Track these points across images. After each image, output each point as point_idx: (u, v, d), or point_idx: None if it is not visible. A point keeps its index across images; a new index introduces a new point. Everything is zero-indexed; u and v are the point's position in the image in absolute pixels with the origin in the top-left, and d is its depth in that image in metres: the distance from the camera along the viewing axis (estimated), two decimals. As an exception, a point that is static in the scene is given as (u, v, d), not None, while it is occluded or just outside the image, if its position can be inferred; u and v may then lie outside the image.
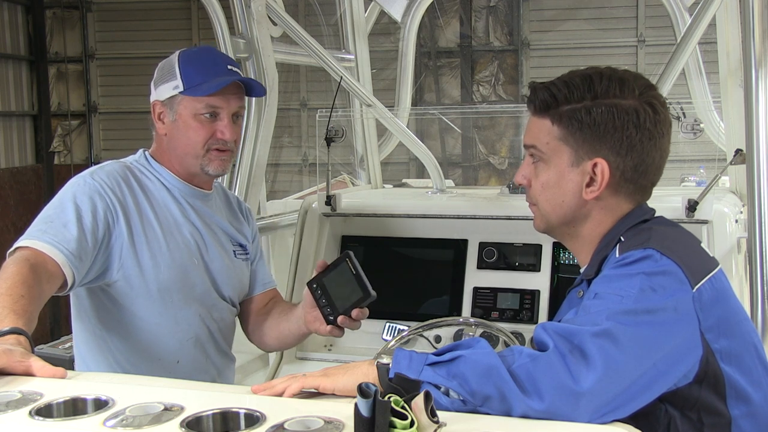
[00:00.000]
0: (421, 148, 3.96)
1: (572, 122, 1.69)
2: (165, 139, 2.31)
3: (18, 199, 10.67)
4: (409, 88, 4.53)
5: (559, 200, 1.75)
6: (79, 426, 1.38)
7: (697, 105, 4.00)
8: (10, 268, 1.92)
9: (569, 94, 1.70)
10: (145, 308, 2.22)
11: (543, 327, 1.54)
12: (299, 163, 10.88)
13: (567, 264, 3.11)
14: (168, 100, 2.27)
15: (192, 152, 2.27)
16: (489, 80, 10.81)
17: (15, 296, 1.83)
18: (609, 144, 1.68)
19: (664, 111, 1.71)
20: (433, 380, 1.49)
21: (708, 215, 2.86)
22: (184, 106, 2.25)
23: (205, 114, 2.25)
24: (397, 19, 4.40)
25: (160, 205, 2.28)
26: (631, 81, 1.70)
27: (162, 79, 2.30)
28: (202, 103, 2.24)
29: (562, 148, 1.71)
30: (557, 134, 1.71)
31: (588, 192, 1.71)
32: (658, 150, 1.71)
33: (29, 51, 11.16)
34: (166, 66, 2.32)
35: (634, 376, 1.48)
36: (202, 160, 2.28)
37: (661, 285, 1.55)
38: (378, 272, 3.41)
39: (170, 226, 2.27)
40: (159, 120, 2.30)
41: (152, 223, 2.24)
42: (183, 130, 2.26)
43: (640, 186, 1.74)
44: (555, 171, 1.73)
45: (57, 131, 11.47)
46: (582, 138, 1.69)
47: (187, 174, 2.33)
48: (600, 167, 1.69)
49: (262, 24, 3.23)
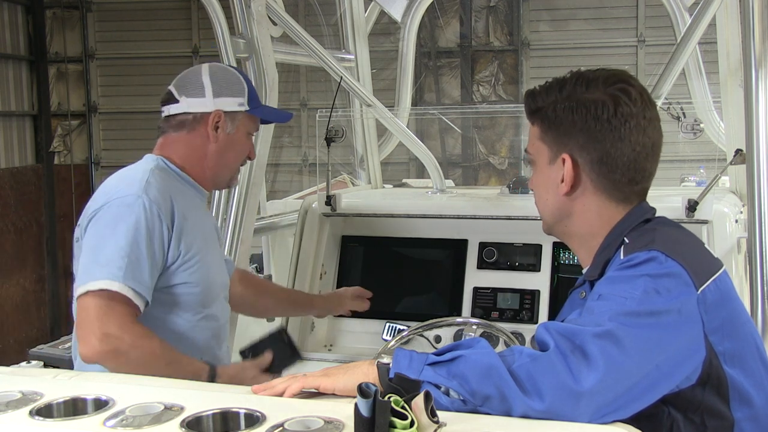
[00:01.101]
0: (421, 148, 3.96)
1: (543, 122, 1.76)
2: (211, 147, 2.37)
3: (18, 199, 10.66)
4: (409, 88, 4.52)
5: (544, 199, 1.81)
6: (79, 426, 1.39)
7: (697, 105, 4.00)
8: (154, 343, 2.12)
9: (545, 96, 1.75)
10: (179, 314, 2.29)
11: (545, 327, 1.54)
12: (299, 163, 10.87)
13: (567, 264, 3.11)
14: (231, 113, 2.37)
15: (232, 165, 2.44)
16: (489, 80, 10.80)
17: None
18: (573, 139, 1.72)
19: (630, 104, 1.68)
20: (433, 380, 1.49)
21: (708, 215, 2.86)
22: (243, 123, 2.40)
23: (251, 134, 2.45)
24: (397, 19, 4.39)
25: (190, 212, 2.32)
26: (601, 78, 1.71)
27: (226, 91, 2.37)
28: (255, 124, 2.45)
29: (542, 148, 1.78)
30: (537, 135, 1.79)
31: (561, 188, 1.75)
32: (626, 143, 1.69)
33: (29, 51, 11.15)
34: (233, 81, 2.40)
35: (636, 378, 1.48)
36: (233, 174, 2.47)
37: (665, 287, 1.55)
38: (378, 272, 3.43)
39: (200, 231, 2.34)
40: (214, 129, 2.35)
41: (191, 231, 2.29)
42: (237, 144, 2.40)
43: (615, 181, 1.72)
44: (539, 171, 1.80)
45: (57, 131, 11.45)
46: (552, 136, 1.75)
47: (209, 181, 2.43)
48: (566, 162, 1.73)
49: (262, 24, 3.23)
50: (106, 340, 2.05)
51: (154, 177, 2.25)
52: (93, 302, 2.08)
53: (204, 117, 2.34)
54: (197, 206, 2.39)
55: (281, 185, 10.28)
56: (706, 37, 3.17)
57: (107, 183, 2.29)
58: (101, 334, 2.04)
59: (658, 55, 9.13)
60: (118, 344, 2.05)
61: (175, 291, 2.25)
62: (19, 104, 11.00)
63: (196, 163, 2.37)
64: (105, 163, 11.54)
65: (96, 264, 2.11)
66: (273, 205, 4.68)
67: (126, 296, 2.09)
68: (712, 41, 3.61)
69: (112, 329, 2.05)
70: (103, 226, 2.16)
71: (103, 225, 2.16)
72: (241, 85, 2.40)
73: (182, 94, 2.38)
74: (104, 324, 2.05)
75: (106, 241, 2.13)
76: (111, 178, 2.31)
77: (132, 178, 2.25)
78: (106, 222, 2.16)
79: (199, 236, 2.32)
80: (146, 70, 11.24)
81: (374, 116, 3.88)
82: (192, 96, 2.36)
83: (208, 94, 2.35)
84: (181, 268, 2.25)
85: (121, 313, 2.08)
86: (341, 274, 3.41)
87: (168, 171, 2.34)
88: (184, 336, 2.29)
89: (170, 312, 2.27)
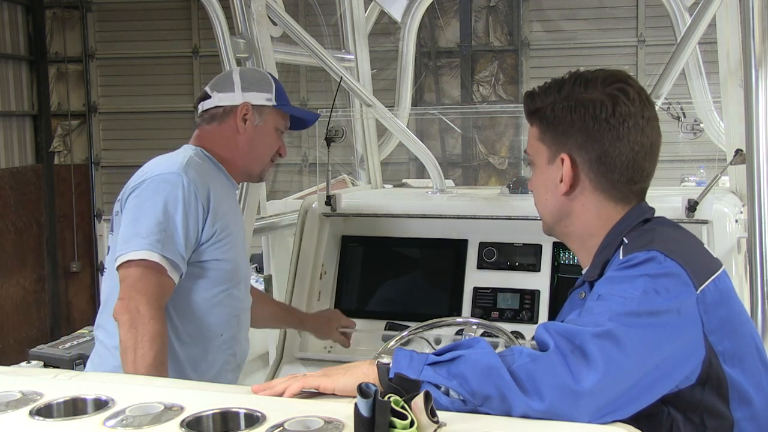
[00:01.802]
0: (421, 148, 3.95)
1: (542, 122, 1.76)
2: (240, 139, 2.51)
3: (18, 199, 10.66)
4: (409, 88, 4.52)
5: (544, 199, 1.81)
6: (79, 426, 1.39)
7: (697, 105, 4.00)
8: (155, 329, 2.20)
9: (544, 96, 1.76)
10: (206, 287, 2.42)
11: (545, 327, 1.54)
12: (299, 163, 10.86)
13: (567, 264, 3.11)
14: (259, 107, 2.52)
15: (262, 157, 2.57)
16: (489, 80, 10.80)
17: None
18: (571, 138, 1.72)
19: (629, 104, 1.69)
20: (433, 380, 1.49)
21: (708, 215, 2.86)
22: (272, 117, 2.55)
23: (280, 130, 2.58)
24: (397, 19, 4.39)
25: (223, 198, 2.46)
26: (599, 78, 1.72)
27: (255, 87, 2.54)
28: (285, 120, 2.59)
29: (541, 148, 1.78)
30: (536, 135, 1.79)
31: (560, 188, 1.75)
32: (625, 142, 1.69)
33: (29, 51, 11.15)
34: (259, 77, 2.60)
35: (636, 378, 1.48)
36: (264, 167, 2.60)
37: (664, 287, 1.55)
38: (378, 272, 3.43)
39: (232, 216, 2.50)
40: (241, 120, 2.51)
41: (223, 215, 2.43)
42: (264, 137, 2.54)
43: (614, 180, 1.72)
44: (539, 171, 1.81)
45: (57, 131, 11.45)
46: (551, 136, 1.75)
47: (242, 173, 2.57)
48: (565, 162, 1.73)
49: (262, 24, 3.23)
50: (129, 310, 2.21)
51: (193, 161, 2.41)
52: (135, 271, 2.25)
53: (233, 109, 2.51)
54: (230, 195, 2.55)
55: (281, 185, 10.27)
56: (706, 37, 3.16)
57: (147, 165, 2.44)
58: (130, 304, 2.22)
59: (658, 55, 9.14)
60: (137, 318, 2.20)
61: (207, 266, 2.41)
62: (19, 104, 11.00)
63: (227, 154, 2.53)
64: (105, 163, 11.55)
65: (137, 235, 2.26)
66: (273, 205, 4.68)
67: (164, 267, 2.25)
68: (712, 41, 3.61)
69: (140, 304, 2.21)
70: (144, 199, 2.31)
71: (144, 199, 2.31)
72: (269, 82, 2.57)
73: (214, 90, 2.55)
74: (138, 294, 2.22)
75: (146, 214, 2.28)
76: (150, 162, 2.45)
77: (172, 159, 2.41)
78: (146, 196, 2.31)
79: (233, 221, 2.49)
80: (146, 70, 11.25)
81: (374, 116, 3.88)
82: (222, 91, 2.53)
83: (237, 89, 2.52)
84: (215, 245, 2.40)
85: (155, 286, 2.24)
86: (341, 274, 3.40)
87: (205, 158, 2.49)
88: (207, 309, 2.43)
89: (197, 284, 2.40)
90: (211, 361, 2.47)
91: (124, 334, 2.21)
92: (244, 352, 2.62)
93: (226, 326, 2.49)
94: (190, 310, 2.40)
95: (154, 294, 2.23)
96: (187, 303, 2.39)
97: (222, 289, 2.45)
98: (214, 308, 2.44)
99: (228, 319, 2.49)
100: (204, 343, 2.45)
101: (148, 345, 2.17)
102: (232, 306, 2.49)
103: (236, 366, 2.59)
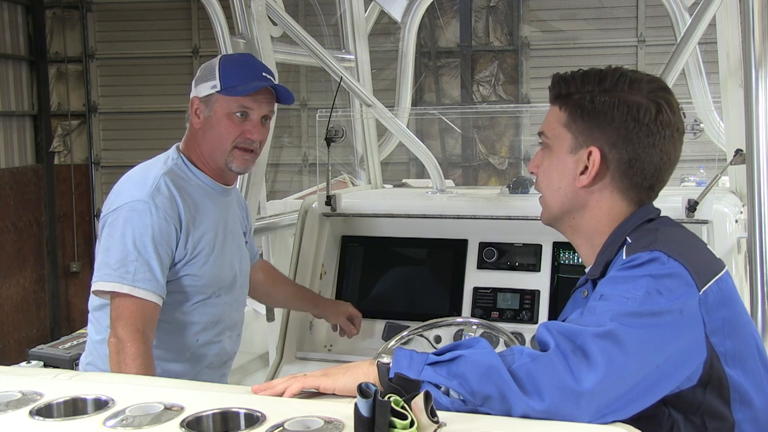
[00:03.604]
0: (421, 148, 3.95)
1: (575, 109, 1.73)
2: (198, 133, 2.49)
3: (18, 199, 10.66)
4: (409, 88, 4.52)
5: (556, 186, 1.78)
6: (79, 426, 1.39)
7: (697, 105, 4.00)
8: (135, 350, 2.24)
9: (581, 84, 1.73)
10: (182, 300, 2.45)
11: (546, 326, 1.54)
12: (299, 163, 10.87)
13: (567, 264, 3.11)
14: (206, 97, 2.47)
15: (220, 147, 2.46)
16: (489, 80, 10.80)
17: None
18: (606, 134, 1.71)
19: (670, 114, 1.71)
20: (433, 380, 1.49)
21: (708, 215, 2.85)
22: (219, 104, 2.45)
23: (237, 113, 2.45)
24: (397, 19, 4.39)
25: (201, 211, 2.46)
26: (644, 81, 1.72)
27: (202, 79, 2.49)
28: (236, 103, 2.44)
29: (565, 135, 1.75)
30: (563, 120, 1.75)
31: (580, 179, 1.73)
32: (657, 150, 1.71)
33: (29, 51, 11.14)
34: (208, 67, 2.51)
35: (637, 378, 1.48)
36: (228, 156, 2.47)
37: (667, 288, 1.55)
38: (378, 272, 3.43)
39: (210, 228, 2.48)
40: (195, 115, 2.49)
41: (199, 229, 2.44)
42: (215, 126, 2.46)
43: (636, 184, 1.73)
44: (556, 157, 1.77)
45: (57, 131, 11.45)
46: (582, 125, 1.72)
47: (215, 169, 2.51)
48: (593, 155, 1.71)
49: (262, 24, 3.23)
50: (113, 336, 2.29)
51: (163, 181, 2.39)
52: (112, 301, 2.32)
53: (191, 105, 2.51)
54: (212, 200, 2.51)
55: (281, 185, 10.28)
56: (706, 37, 3.16)
57: (121, 183, 2.45)
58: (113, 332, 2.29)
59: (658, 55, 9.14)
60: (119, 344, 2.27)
61: (180, 282, 2.42)
62: (19, 104, 11.00)
63: (197, 152, 2.51)
64: (105, 163, 11.55)
65: (107, 266, 2.33)
66: (273, 205, 4.69)
67: (134, 296, 2.28)
68: (712, 41, 3.61)
69: (119, 329, 2.27)
70: (114, 229, 2.34)
71: (114, 229, 2.35)
72: (213, 69, 2.47)
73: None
74: (116, 321, 2.29)
75: (116, 245, 2.32)
76: (126, 179, 2.46)
77: (143, 182, 2.40)
78: (116, 226, 2.34)
79: (211, 232, 2.46)
80: (146, 70, 11.25)
81: (374, 116, 3.88)
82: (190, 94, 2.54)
83: (193, 84, 2.52)
84: (188, 264, 2.42)
85: (131, 311, 2.28)
86: (341, 274, 3.40)
87: (182, 167, 2.48)
88: (181, 320, 2.46)
89: (172, 298, 2.41)
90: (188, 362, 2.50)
91: (111, 361, 2.28)
92: (229, 351, 2.64)
93: (201, 333, 2.51)
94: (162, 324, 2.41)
95: (131, 318, 2.27)
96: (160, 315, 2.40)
97: (194, 302, 2.47)
98: (187, 317, 2.48)
99: (203, 326, 2.51)
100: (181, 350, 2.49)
101: (131, 364, 2.23)
102: (208, 313, 2.50)
103: (222, 363, 2.62)
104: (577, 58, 9.76)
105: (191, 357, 2.51)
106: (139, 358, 2.24)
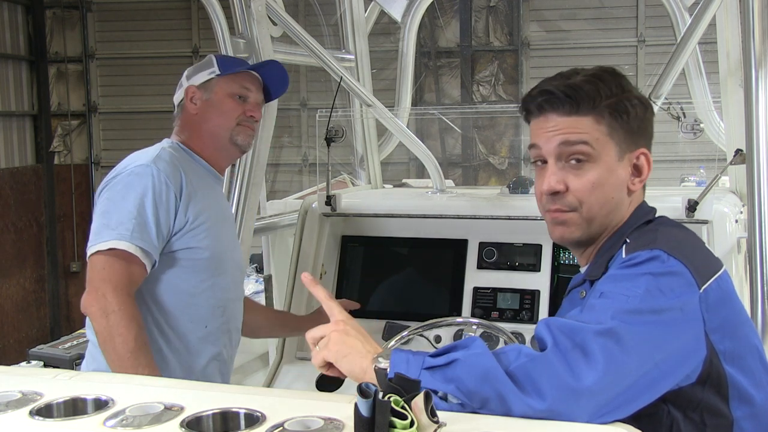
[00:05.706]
0: (421, 148, 3.95)
1: (615, 116, 1.69)
2: (196, 118, 2.53)
3: (18, 199, 10.67)
4: (409, 88, 4.52)
5: (609, 197, 1.72)
6: (79, 426, 1.39)
7: (697, 105, 4.00)
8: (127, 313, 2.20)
9: (607, 88, 1.70)
10: (185, 278, 2.42)
11: (546, 323, 1.53)
12: (299, 163, 10.88)
13: (567, 264, 3.11)
14: (203, 84, 2.53)
15: (224, 124, 2.51)
16: (489, 80, 10.80)
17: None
18: (646, 135, 1.76)
19: None
20: (430, 386, 1.48)
21: (708, 215, 2.86)
22: (220, 86, 2.53)
23: (237, 96, 2.53)
24: (397, 19, 4.39)
25: (202, 189, 2.47)
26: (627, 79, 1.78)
27: (198, 70, 2.57)
28: (237, 83, 2.53)
29: (609, 144, 1.70)
30: (604, 130, 1.69)
31: (636, 183, 1.74)
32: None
33: (29, 51, 11.15)
34: (202, 63, 2.60)
35: (637, 376, 1.48)
36: (233, 131, 2.52)
37: (668, 286, 1.55)
38: (378, 272, 3.43)
39: (210, 207, 2.49)
40: (191, 102, 2.54)
41: (201, 202, 2.44)
42: (218, 105, 2.51)
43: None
44: (605, 168, 1.70)
45: (57, 131, 11.46)
46: (625, 132, 1.71)
47: (215, 150, 2.54)
48: (645, 157, 1.74)
49: (262, 24, 3.23)
50: (97, 300, 2.22)
51: (165, 152, 2.43)
52: (99, 261, 2.25)
53: (186, 95, 2.56)
54: (210, 186, 2.54)
55: (281, 185, 10.29)
56: (706, 37, 3.16)
57: (121, 162, 2.46)
58: (97, 294, 2.22)
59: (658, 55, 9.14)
60: (106, 306, 2.20)
61: (182, 254, 2.40)
62: (19, 104, 11.00)
63: (195, 138, 2.54)
64: (105, 163, 11.54)
65: (106, 227, 2.29)
66: (273, 205, 4.69)
67: (133, 254, 2.25)
68: (712, 41, 3.61)
69: (107, 292, 2.21)
70: (114, 193, 2.34)
71: (114, 192, 2.35)
72: (210, 60, 2.57)
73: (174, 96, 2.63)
74: (103, 283, 2.22)
75: (116, 207, 2.31)
76: (124, 159, 2.47)
77: (145, 153, 2.44)
78: (116, 190, 2.34)
79: (210, 209, 2.47)
80: (146, 70, 11.25)
81: (374, 116, 3.88)
82: (179, 88, 2.61)
83: (184, 80, 2.59)
84: (189, 233, 2.40)
85: (120, 273, 2.24)
86: (341, 274, 3.40)
87: (180, 150, 2.51)
88: (190, 301, 2.43)
89: (176, 275, 2.40)
90: (196, 354, 2.46)
91: (97, 325, 2.21)
92: (234, 344, 2.62)
93: (210, 318, 2.47)
94: (170, 303, 2.40)
95: (120, 281, 2.22)
96: (167, 295, 2.39)
97: (202, 279, 2.43)
98: (195, 299, 2.43)
99: (212, 310, 2.47)
100: (188, 335, 2.44)
101: (125, 330, 2.17)
102: (216, 297, 2.48)
103: (228, 357, 2.58)
104: (577, 58, 9.77)
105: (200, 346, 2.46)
106: (134, 321, 2.19)
